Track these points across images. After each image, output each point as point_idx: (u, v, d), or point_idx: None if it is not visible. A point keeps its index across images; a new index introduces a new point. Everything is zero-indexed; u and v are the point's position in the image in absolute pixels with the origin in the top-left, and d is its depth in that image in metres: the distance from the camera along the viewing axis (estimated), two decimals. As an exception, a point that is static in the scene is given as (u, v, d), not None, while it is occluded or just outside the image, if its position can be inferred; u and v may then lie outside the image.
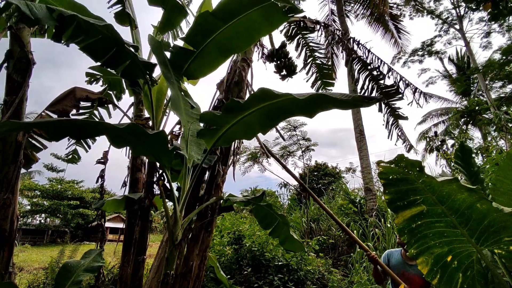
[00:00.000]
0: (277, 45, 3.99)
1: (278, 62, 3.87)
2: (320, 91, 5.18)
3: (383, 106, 4.87)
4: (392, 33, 14.56)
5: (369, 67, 4.87)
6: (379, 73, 4.79)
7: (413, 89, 5.19)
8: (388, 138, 5.50)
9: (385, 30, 14.44)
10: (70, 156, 4.50)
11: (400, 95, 4.71)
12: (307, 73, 5.09)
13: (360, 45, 5.06)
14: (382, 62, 5.01)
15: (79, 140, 4.27)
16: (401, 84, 4.95)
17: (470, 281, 1.55)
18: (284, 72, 3.91)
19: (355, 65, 5.01)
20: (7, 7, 2.20)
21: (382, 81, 4.78)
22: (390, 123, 5.27)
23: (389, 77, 4.83)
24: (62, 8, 2.29)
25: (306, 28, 4.51)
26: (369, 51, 5.03)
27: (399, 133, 5.76)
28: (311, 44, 4.87)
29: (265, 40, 4.15)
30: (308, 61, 5.02)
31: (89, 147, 4.43)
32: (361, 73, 4.97)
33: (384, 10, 11.85)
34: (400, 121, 5.49)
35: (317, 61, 4.99)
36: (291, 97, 1.82)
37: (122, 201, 3.55)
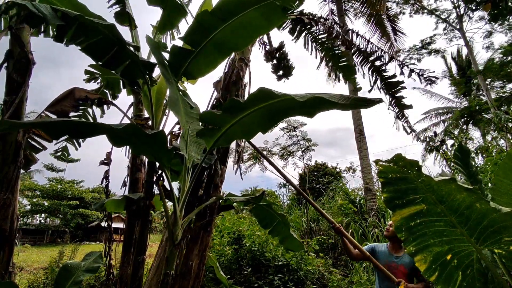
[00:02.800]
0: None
1: (276, 62, 3.88)
2: (337, 81, 5.03)
3: (387, 97, 4.82)
4: (389, 36, 14.53)
5: (370, 58, 4.80)
6: (381, 63, 4.70)
7: (420, 73, 5.11)
8: (394, 126, 5.48)
9: (382, 33, 14.41)
10: (60, 153, 4.47)
11: (403, 84, 4.63)
12: (317, 68, 5.04)
13: (359, 36, 4.97)
14: (382, 51, 4.94)
15: (75, 138, 4.25)
16: (405, 70, 4.87)
17: (469, 280, 1.56)
18: (280, 73, 3.92)
19: (356, 58, 4.96)
20: (11, 7, 2.20)
21: (384, 72, 4.73)
22: (396, 113, 5.24)
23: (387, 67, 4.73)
24: (64, 8, 2.30)
25: (310, 23, 4.45)
26: (368, 41, 4.95)
27: (405, 124, 5.73)
28: (319, 37, 4.72)
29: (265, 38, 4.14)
30: (322, 55, 4.83)
31: (79, 145, 4.40)
32: (363, 65, 4.92)
33: (380, 8, 11.85)
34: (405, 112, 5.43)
35: (330, 53, 4.72)
36: (289, 98, 1.82)
37: (122, 201, 3.55)
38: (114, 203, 3.56)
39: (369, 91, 4.90)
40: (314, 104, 1.86)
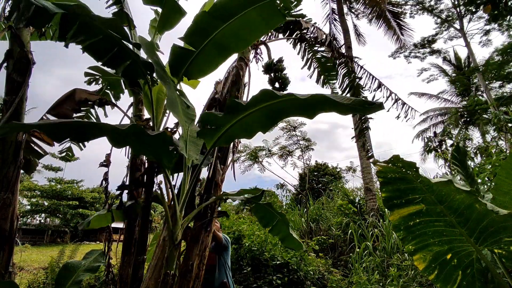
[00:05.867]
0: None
1: (273, 75, 3.94)
2: (324, 86, 5.29)
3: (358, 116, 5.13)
4: (395, 29, 14.73)
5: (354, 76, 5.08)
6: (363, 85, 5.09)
7: (402, 104, 5.49)
8: (352, 138, 5.80)
9: (388, 26, 14.61)
10: (64, 154, 4.49)
11: (381, 107, 4.93)
12: (308, 69, 5.18)
13: (356, 64, 5.27)
14: (374, 78, 5.25)
15: (77, 142, 4.26)
16: (389, 99, 5.27)
17: (469, 279, 1.56)
18: (277, 85, 3.98)
19: (342, 69, 5.17)
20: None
21: (363, 93, 5.06)
22: (361, 130, 5.51)
23: (375, 91, 5.08)
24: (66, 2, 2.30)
25: (301, 28, 4.56)
26: (361, 67, 5.26)
27: (364, 141, 6.03)
28: (309, 38, 4.91)
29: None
30: (309, 57, 5.07)
31: (84, 145, 4.43)
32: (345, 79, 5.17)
33: (384, 7, 11.96)
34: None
35: (317, 55, 5.04)
36: (292, 97, 1.82)
37: (106, 216, 3.56)
38: (99, 218, 3.57)
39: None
40: (316, 104, 1.86)
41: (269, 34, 4.63)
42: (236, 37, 2.75)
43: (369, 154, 7.46)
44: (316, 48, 4.96)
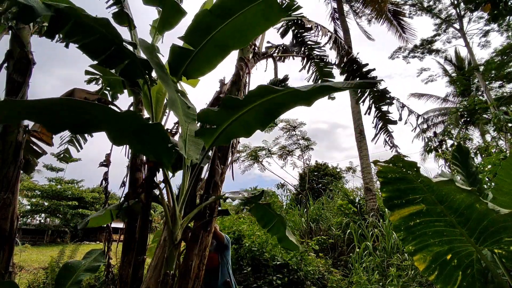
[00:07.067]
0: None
1: None
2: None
3: (373, 109, 4.99)
4: (396, 28, 14.89)
5: (364, 70, 4.97)
6: (372, 76, 4.97)
7: (409, 111, 5.48)
8: (373, 141, 5.63)
9: (390, 24, 14.73)
10: (62, 155, 4.53)
11: (389, 100, 4.81)
12: (307, 72, 5.15)
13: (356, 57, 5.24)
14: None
15: (75, 133, 4.27)
16: (405, 111, 5.23)
17: (470, 279, 1.56)
18: None
19: (349, 68, 5.09)
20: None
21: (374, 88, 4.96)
22: (379, 127, 5.38)
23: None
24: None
25: (303, 27, 4.54)
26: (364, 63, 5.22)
27: (387, 138, 5.85)
28: (309, 42, 4.89)
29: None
30: (307, 60, 5.06)
31: (81, 146, 4.47)
32: (356, 76, 5.08)
33: (384, 6, 12.00)
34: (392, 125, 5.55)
35: (316, 60, 5.03)
36: (292, 90, 1.80)
37: (107, 214, 3.56)
38: (98, 217, 3.57)
39: (357, 101, 5.16)
40: (317, 92, 1.81)
41: (277, 50, 4.60)
42: (237, 34, 2.73)
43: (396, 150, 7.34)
44: (315, 52, 4.94)
